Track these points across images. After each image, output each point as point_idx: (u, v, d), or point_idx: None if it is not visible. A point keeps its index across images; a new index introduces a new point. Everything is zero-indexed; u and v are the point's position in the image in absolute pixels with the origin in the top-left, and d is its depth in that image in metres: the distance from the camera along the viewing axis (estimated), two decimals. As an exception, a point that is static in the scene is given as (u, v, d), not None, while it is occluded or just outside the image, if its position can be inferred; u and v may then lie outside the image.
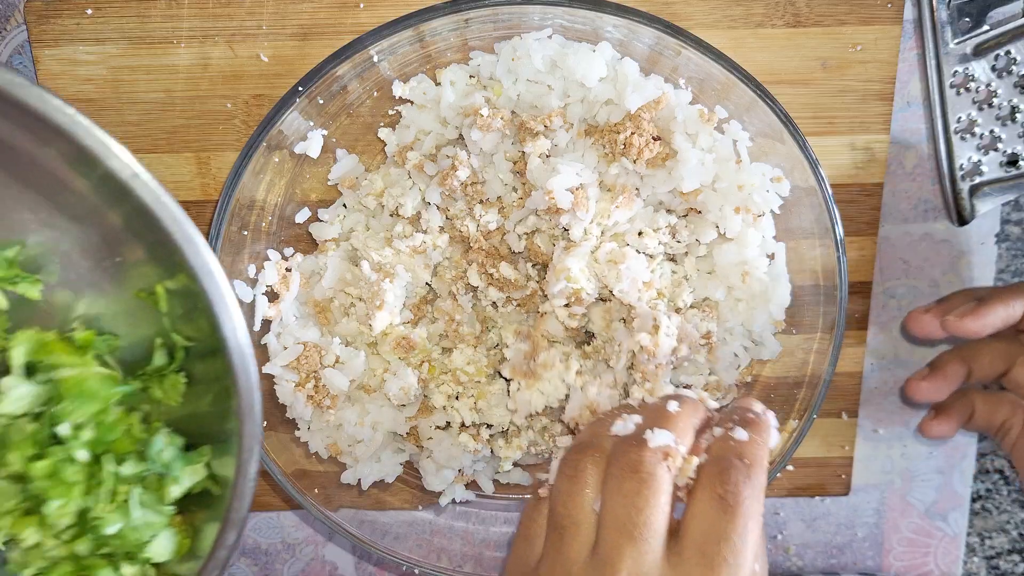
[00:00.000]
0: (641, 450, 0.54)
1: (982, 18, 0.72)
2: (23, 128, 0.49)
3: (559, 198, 0.64)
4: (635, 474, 0.53)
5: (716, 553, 0.51)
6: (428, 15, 0.64)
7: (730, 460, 0.54)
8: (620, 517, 0.53)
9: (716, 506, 0.52)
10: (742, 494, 0.52)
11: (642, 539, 0.52)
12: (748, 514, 0.52)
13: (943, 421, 0.74)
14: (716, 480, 0.53)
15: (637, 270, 0.66)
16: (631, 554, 0.52)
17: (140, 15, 0.70)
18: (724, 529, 0.52)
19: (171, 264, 0.52)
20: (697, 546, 0.52)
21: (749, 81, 0.65)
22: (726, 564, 0.51)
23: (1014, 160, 0.75)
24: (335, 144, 0.72)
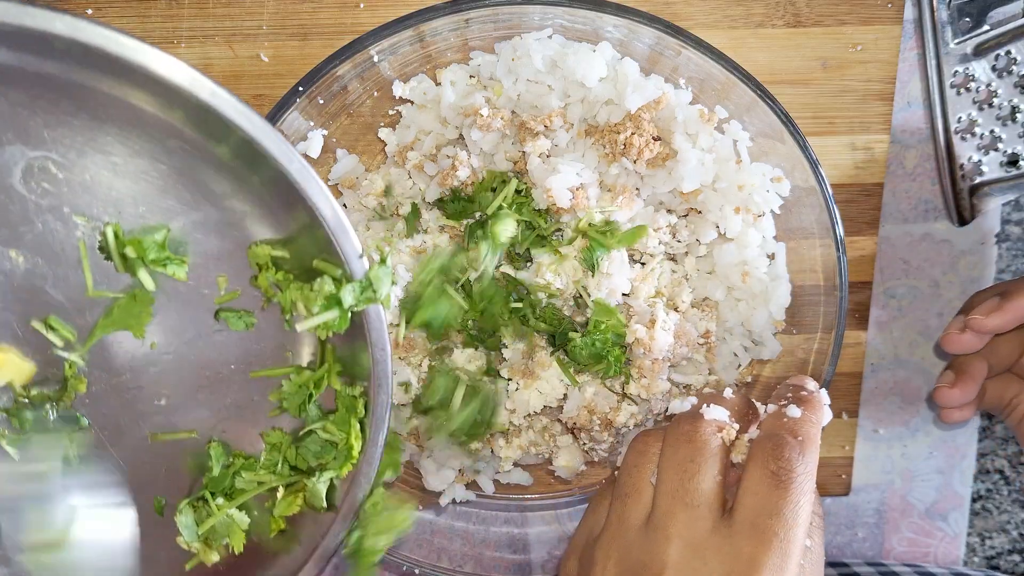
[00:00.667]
0: (696, 421, 0.57)
1: (982, 18, 0.72)
2: (200, 124, 0.53)
3: (558, 197, 0.64)
4: (689, 443, 0.55)
5: (767, 527, 0.52)
6: (428, 15, 0.64)
7: (783, 437, 0.55)
8: (673, 483, 0.55)
9: (769, 481, 0.53)
10: (795, 470, 0.53)
11: (694, 505, 0.54)
12: (801, 490, 0.53)
13: (957, 389, 0.72)
14: (769, 456, 0.54)
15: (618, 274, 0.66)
16: (683, 519, 0.54)
17: (140, 15, 0.70)
18: (776, 504, 0.52)
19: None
20: (749, 519, 0.53)
21: (749, 81, 0.65)
22: (776, 538, 0.52)
23: (1014, 160, 0.75)
24: (335, 144, 0.72)
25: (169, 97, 0.51)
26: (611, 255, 0.66)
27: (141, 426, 0.63)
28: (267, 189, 0.56)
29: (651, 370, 0.66)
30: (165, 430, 0.63)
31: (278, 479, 0.62)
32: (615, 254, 0.66)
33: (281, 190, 0.55)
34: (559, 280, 0.66)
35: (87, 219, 0.57)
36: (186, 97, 0.50)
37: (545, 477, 0.79)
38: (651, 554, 0.54)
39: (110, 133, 0.55)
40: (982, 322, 0.67)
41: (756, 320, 0.70)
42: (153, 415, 0.62)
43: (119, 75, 0.50)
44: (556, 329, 0.67)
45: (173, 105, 0.52)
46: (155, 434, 0.63)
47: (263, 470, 0.62)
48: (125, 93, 0.52)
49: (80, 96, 0.52)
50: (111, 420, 0.62)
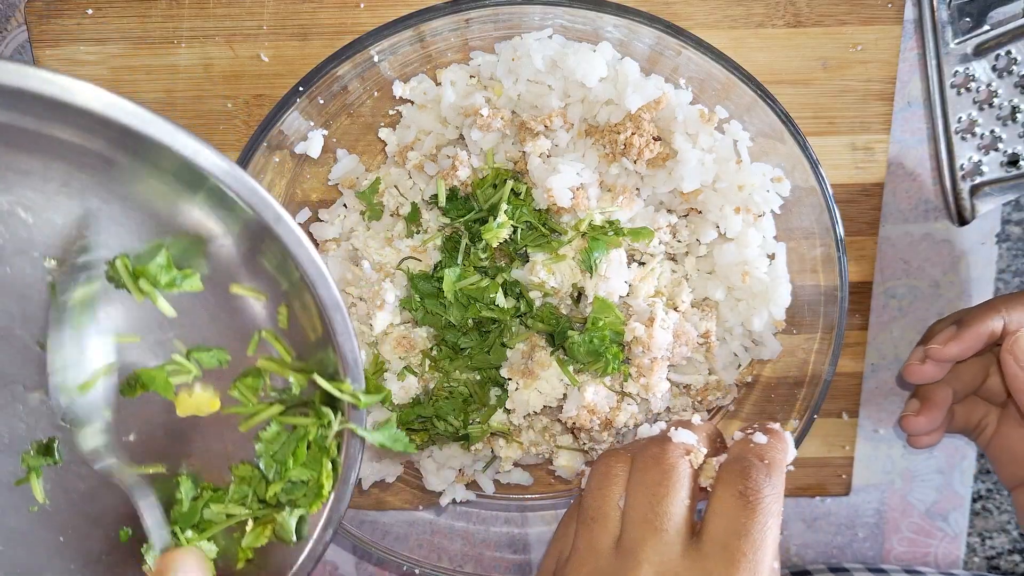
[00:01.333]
0: (664, 444, 0.57)
1: (983, 18, 0.72)
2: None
3: (559, 196, 0.64)
4: (657, 465, 0.56)
5: (736, 548, 0.52)
6: (429, 15, 0.64)
7: (750, 459, 0.56)
8: (643, 507, 0.55)
9: (737, 502, 0.54)
10: (762, 491, 0.54)
11: (663, 529, 0.54)
12: (768, 511, 0.53)
13: (923, 416, 0.73)
14: (737, 477, 0.55)
15: (616, 277, 0.66)
16: (653, 544, 0.54)
17: (141, 15, 0.70)
18: (744, 524, 0.53)
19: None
20: (718, 541, 0.53)
21: (749, 81, 0.65)
22: (745, 559, 0.52)
23: (1015, 160, 0.75)
24: (335, 144, 0.72)
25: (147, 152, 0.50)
26: (610, 256, 0.66)
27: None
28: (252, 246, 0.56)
29: (650, 369, 0.66)
30: (133, 464, 0.62)
31: (248, 512, 0.62)
32: (613, 255, 0.66)
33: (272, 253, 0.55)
34: (553, 279, 0.66)
35: (58, 262, 0.56)
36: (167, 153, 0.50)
37: (545, 477, 0.79)
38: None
39: (80, 180, 0.54)
40: (940, 351, 0.68)
41: (756, 320, 0.70)
42: (121, 449, 0.61)
43: (82, 126, 0.49)
44: (554, 328, 0.67)
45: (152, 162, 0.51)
46: (123, 468, 0.61)
47: (232, 503, 0.62)
48: (95, 144, 0.51)
49: (49, 146, 0.51)
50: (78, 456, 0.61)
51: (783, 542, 0.87)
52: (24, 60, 0.74)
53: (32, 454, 0.61)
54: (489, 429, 0.71)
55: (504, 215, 0.65)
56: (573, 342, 0.65)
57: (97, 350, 0.59)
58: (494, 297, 0.66)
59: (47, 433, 0.61)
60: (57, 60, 0.71)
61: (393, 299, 0.68)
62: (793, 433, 0.72)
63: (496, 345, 0.69)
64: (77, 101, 0.47)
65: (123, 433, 0.62)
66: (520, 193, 0.67)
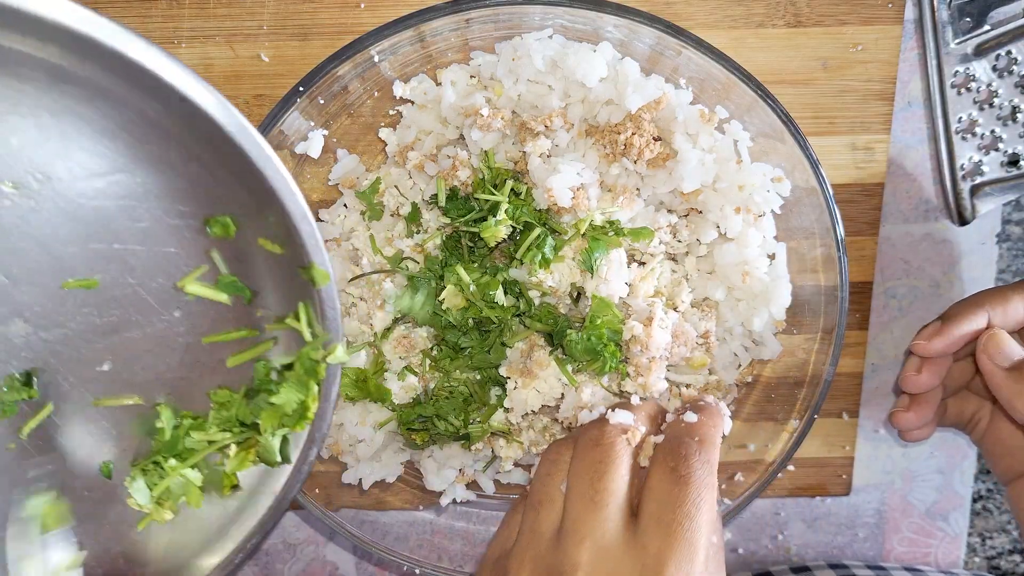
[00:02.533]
0: (602, 425, 0.59)
1: (983, 18, 0.72)
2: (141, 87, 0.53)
3: (559, 196, 0.64)
4: (596, 446, 0.58)
5: (672, 521, 0.54)
6: (429, 15, 0.64)
7: (681, 437, 0.58)
8: (583, 485, 0.57)
9: (669, 478, 0.56)
10: (693, 466, 0.56)
11: (603, 505, 0.55)
12: (700, 484, 0.55)
13: (913, 413, 0.74)
14: (669, 455, 0.57)
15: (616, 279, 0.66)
16: (593, 521, 0.55)
17: (141, 15, 0.70)
18: (677, 498, 0.55)
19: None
20: (653, 515, 0.55)
21: (750, 81, 0.65)
22: (681, 529, 0.54)
23: (1015, 160, 0.75)
24: (336, 144, 0.72)
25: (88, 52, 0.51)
26: (610, 257, 0.66)
27: (84, 392, 0.63)
28: (216, 159, 0.56)
29: (648, 368, 0.66)
30: (109, 395, 0.63)
31: (230, 437, 0.63)
32: (613, 256, 0.66)
33: (235, 163, 0.55)
34: (551, 278, 0.66)
35: (14, 185, 0.57)
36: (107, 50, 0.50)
37: (545, 477, 0.79)
38: (563, 558, 0.55)
39: (30, 95, 0.54)
40: (925, 347, 0.69)
41: (756, 320, 0.70)
42: (95, 381, 0.63)
43: (33, 32, 0.50)
44: (552, 328, 0.67)
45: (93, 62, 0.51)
46: (99, 399, 0.63)
47: (214, 428, 0.63)
48: (41, 50, 0.51)
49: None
50: (55, 387, 0.62)
51: (783, 542, 0.87)
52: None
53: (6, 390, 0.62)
54: (489, 429, 0.71)
55: (504, 214, 0.65)
56: (571, 340, 0.65)
57: (59, 548, 0.62)
58: (494, 295, 0.66)
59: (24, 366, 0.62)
60: (57, 60, 0.71)
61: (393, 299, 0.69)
62: (793, 433, 0.72)
63: (496, 344, 0.69)
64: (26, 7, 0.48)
65: (96, 363, 0.62)
66: (520, 193, 0.67)
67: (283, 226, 0.57)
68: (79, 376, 0.63)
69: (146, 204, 0.59)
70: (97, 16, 0.49)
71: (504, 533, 0.62)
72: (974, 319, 0.68)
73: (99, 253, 0.60)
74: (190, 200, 0.59)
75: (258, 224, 0.59)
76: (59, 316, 0.61)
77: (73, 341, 0.62)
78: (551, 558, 0.56)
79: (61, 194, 0.58)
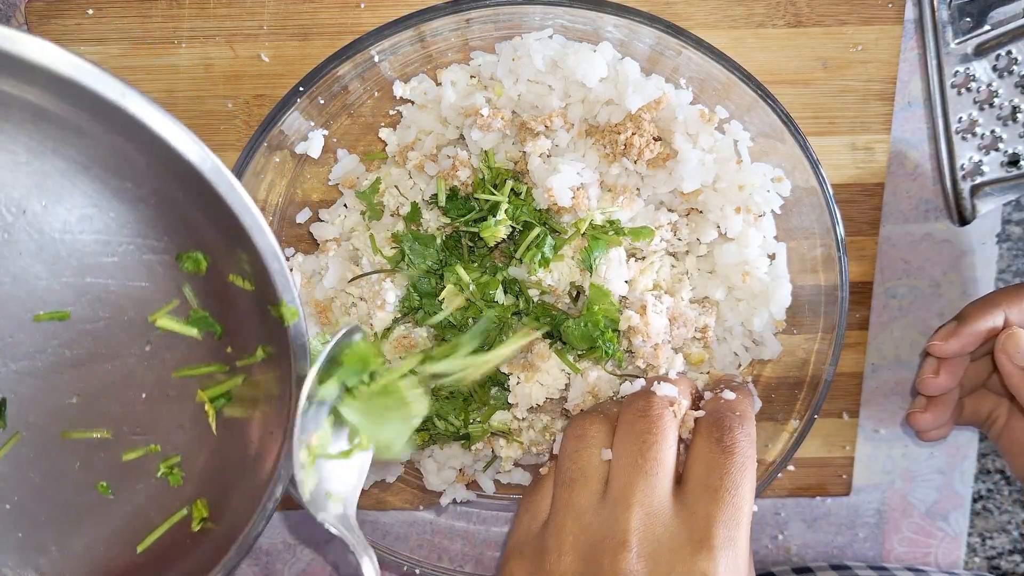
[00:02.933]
0: (649, 397, 0.61)
1: (983, 18, 0.72)
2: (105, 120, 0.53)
3: (559, 196, 0.64)
4: (644, 417, 0.59)
5: (719, 486, 0.57)
6: (429, 15, 0.64)
7: (723, 412, 0.61)
8: (632, 454, 0.58)
9: (715, 448, 0.59)
10: (737, 437, 0.59)
11: (652, 473, 0.58)
12: (744, 455, 0.58)
13: (930, 414, 0.74)
14: (713, 427, 0.60)
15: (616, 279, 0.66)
16: (642, 487, 0.57)
17: (141, 15, 0.70)
18: (724, 465, 0.58)
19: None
20: (701, 481, 0.58)
21: (750, 81, 0.65)
22: (728, 494, 0.57)
23: (1015, 160, 0.75)
24: (336, 144, 0.72)
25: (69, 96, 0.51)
26: (609, 256, 0.66)
27: (51, 424, 0.63)
28: (189, 196, 0.57)
29: (654, 355, 0.66)
30: (77, 428, 0.63)
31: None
32: (613, 255, 0.66)
33: (207, 200, 0.55)
34: (550, 277, 0.66)
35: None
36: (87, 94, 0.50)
37: (546, 477, 0.79)
38: (612, 525, 0.57)
39: (6, 132, 0.55)
40: (942, 347, 0.69)
41: (756, 320, 0.70)
42: (63, 413, 0.63)
43: (13, 73, 0.50)
44: (551, 326, 0.67)
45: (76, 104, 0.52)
46: (66, 432, 0.63)
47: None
48: (21, 90, 0.52)
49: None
50: (22, 418, 0.63)
51: (783, 542, 0.87)
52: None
53: None
54: (489, 429, 0.71)
55: (503, 214, 0.65)
56: (568, 327, 0.65)
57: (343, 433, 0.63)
58: (493, 294, 0.66)
59: None
60: (58, 60, 0.71)
61: (393, 299, 0.69)
62: (793, 434, 0.72)
63: (497, 343, 0.69)
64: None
65: (65, 396, 0.63)
66: (520, 193, 0.67)
67: (253, 263, 0.57)
68: (47, 408, 0.63)
69: (119, 239, 0.60)
70: (76, 58, 0.49)
71: (527, 515, 0.63)
72: (990, 318, 0.68)
73: (71, 286, 0.61)
74: (163, 235, 0.60)
75: (229, 260, 0.59)
76: (29, 348, 0.61)
77: (42, 373, 0.62)
78: (598, 527, 0.57)
79: (35, 227, 0.59)
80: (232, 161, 0.71)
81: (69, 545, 0.65)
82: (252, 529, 0.62)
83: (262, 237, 0.56)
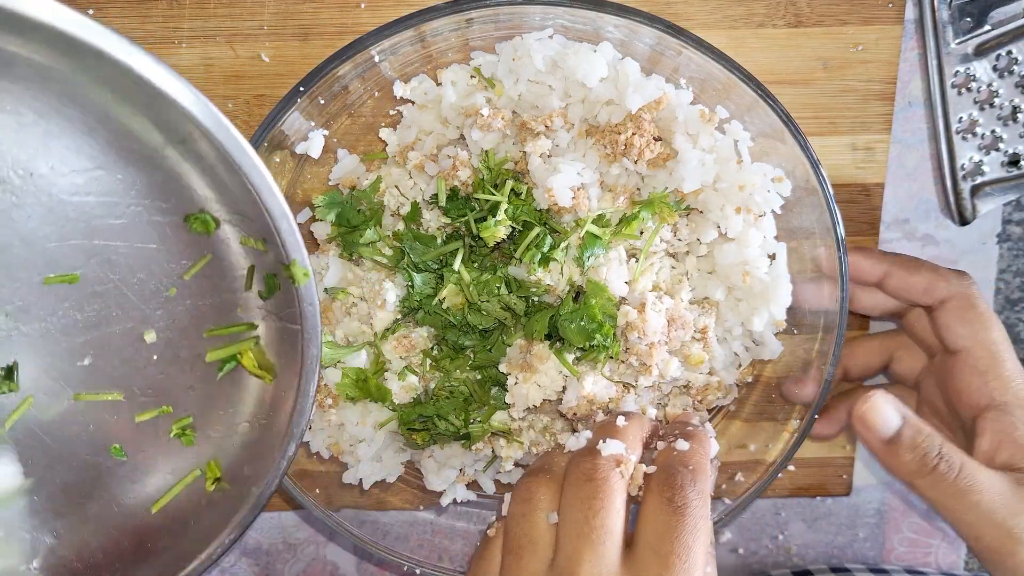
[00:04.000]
0: (595, 458, 0.58)
1: (983, 18, 0.72)
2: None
3: (559, 196, 0.64)
4: (590, 481, 0.56)
5: (670, 552, 0.54)
6: (429, 15, 0.64)
7: (675, 467, 0.57)
8: (578, 522, 0.55)
9: (665, 509, 0.55)
10: (688, 496, 0.55)
11: (599, 542, 0.55)
12: (696, 515, 0.55)
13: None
14: (664, 485, 0.56)
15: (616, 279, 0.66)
16: (589, 557, 0.54)
17: (141, 15, 0.70)
18: (675, 528, 0.54)
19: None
20: (650, 546, 0.54)
21: (750, 81, 0.65)
22: (679, 559, 0.54)
23: (1015, 160, 0.75)
24: (336, 144, 0.72)
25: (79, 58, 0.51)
26: (609, 257, 0.66)
27: (64, 386, 0.64)
28: (197, 157, 0.57)
29: (648, 354, 0.66)
30: (89, 390, 0.64)
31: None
32: (613, 255, 0.66)
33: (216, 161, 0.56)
34: (548, 277, 0.66)
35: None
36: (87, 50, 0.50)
37: (546, 477, 0.79)
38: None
39: (13, 92, 0.55)
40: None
41: (757, 320, 0.70)
42: (75, 375, 0.64)
43: (21, 32, 0.50)
44: (550, 327, 0.67)
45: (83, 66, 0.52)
46: (79, 394, 0.64)
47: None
48: (27, 49, 0.52)
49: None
50: (35, 380, 0.63)
51: (784, 542, 0.87)
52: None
53: None
54: (490, 428, 0.71)
55: (503, 214, 0.65)
56: (564, 318, 0.65)
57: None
58: (496, 291, 0.66)
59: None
60: (58, 60, 0.71)
61: (393, 299, 0.69)
62: (794, 434, 0.72)
63: (499, 343, 0.69)
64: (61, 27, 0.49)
65: (77, 358, 0.63)
66: (521, 193, 0.67)
67: (264, 224, 0.58)
68: (60, 371, 0.63)
69: (127, 201, 0.60)
70: (81, 16, 0.49)
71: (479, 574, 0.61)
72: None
73: (80, 249, 0.61)
74: (170, 197, 0.60)
75: (240, 222, 0.60)
76: (40, 311, 0.62)
77: (54, 336, 0.62)
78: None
79: (43, 190, 0.59)
80: (232, 161, 0.71)
81: (84, 508, 0.66)
82: (266, 488, 0.62)
83: (272, 197, 0.56)
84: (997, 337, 0.67)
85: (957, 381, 0.68)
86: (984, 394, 0.66)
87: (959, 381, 0.68)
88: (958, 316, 0.68)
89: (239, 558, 0.87)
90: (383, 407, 0.71)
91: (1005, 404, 0.65)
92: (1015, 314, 0.83)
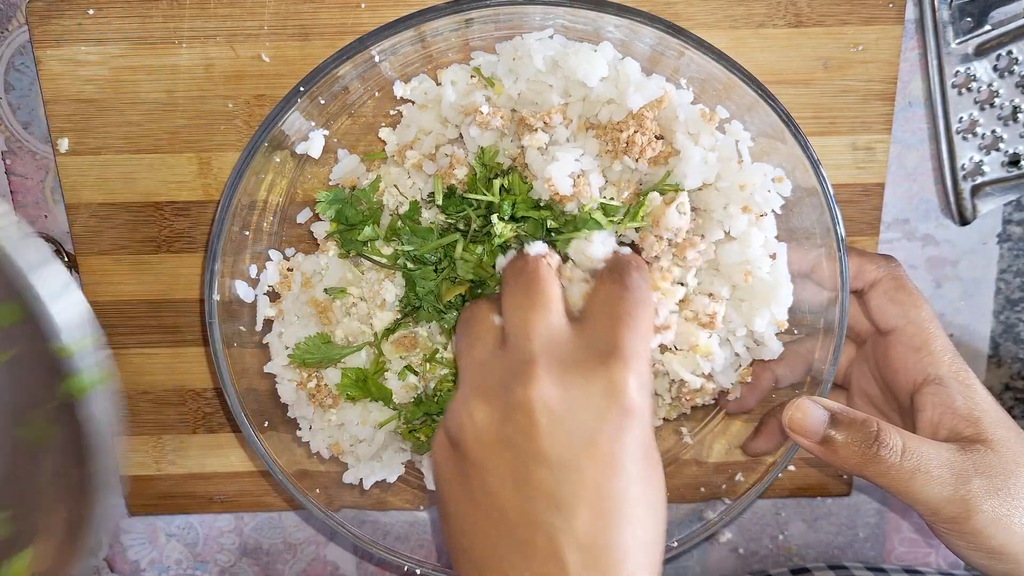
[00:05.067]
0: (523, 256, 0.61)
1: (984, 18, 0.72)
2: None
3: (559, 184, 0.63)
4: (523, 272, 0.60)
5: (621, 313, 0.56)
6: (430, 15, 0.64)
7: (621, 261, 0.61)
8: (519, 299, 0.58)
9: (615, 285, 0.58)
10: (635, 277, 0.59)
11: (543, 305, 0.57)
12: (645, 292, 0.59)
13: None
14: (613, 271, 0.60)
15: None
16: (537, 318, 0.56)
17: (142, 15, 0.70)
18: (624, 298, 0.57)
19: None
20: (601, 311, 0.57)
21: (750, 81, 0.65)
22: (630, 317, 0.56)
23: (1016, 160, 0.75)
24: (336, 144, 0.72)
25: None
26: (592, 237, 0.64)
27: None
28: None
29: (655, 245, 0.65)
30: None
31: None
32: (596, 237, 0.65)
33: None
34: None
35: None
36: None
37: (546, 477, 0.78)
38: (517, 357, 0.55)
39: None
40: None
41: (758, 320, 0.70)
42: None
43: None
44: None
45: None
46: None
47: None
48: None
49: None
50: None
51: (784, 543, 0.87)
52: (25, 60, 0.74)
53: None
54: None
55: (504, 213, 0.65)
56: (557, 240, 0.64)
57: None
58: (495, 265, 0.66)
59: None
60: (58, 60, 0.71)
61: (393, 299, 0.69)
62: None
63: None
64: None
65: None
66: (511, 189, 0.66)
67: None
68: None
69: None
70: None
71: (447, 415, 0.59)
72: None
73: None
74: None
75: None
76: None
77: None
78: (503, 368, 0.55)
79: None
80: (233, 161, 0.72)
81: None
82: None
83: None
84: (927, 315, 0.67)
85: (893, 360, 0.68)
86: (920, 370, 0.66)
87: (895, 360, 0.68)
88: (889, 297, 0.68)
89: (239, 558, 0.87)
90: (383, 407, 0.71)
91: (941, 377, 0.65)
92: (1015, 314, 0.83)
